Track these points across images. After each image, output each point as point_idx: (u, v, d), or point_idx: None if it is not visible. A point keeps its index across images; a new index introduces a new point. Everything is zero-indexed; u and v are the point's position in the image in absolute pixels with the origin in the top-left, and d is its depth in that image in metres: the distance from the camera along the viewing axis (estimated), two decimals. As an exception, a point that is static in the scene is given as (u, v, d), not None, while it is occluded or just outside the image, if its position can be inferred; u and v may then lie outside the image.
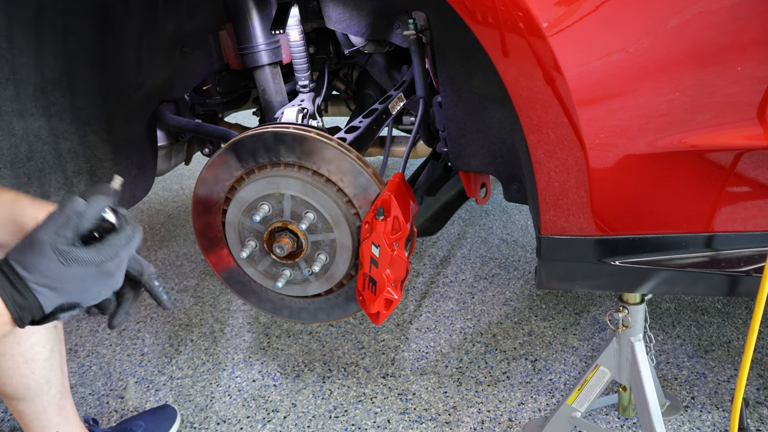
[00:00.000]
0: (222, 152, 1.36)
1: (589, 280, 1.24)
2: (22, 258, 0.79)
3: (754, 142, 0.99)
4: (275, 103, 1.61)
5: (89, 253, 0.80)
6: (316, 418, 1.72)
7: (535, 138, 1.09)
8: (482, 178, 1.54)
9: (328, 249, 1.34)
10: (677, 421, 1.59)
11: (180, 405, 1.80)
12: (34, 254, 0.79)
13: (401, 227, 1.28)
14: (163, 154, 1.98)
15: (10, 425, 1.78)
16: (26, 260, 0.79)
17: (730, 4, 0.92)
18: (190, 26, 1.60)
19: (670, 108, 0.99)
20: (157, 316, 2.29)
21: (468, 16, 1.04)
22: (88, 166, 1.55)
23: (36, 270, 0.78)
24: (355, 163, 1.27)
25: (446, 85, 1.26)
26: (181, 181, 3.77)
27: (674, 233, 1.13)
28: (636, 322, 1.37)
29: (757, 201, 1.08)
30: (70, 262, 0.79)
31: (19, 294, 0.78)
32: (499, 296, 2.22)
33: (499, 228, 2.76)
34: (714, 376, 1.73)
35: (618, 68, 0.98)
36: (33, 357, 1.35)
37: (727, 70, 0.96)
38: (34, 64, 1.36)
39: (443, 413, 1.69)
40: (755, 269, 1.11)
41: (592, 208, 1.11)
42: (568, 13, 0.96)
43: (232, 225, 1.40)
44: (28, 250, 0.80)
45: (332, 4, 1.40)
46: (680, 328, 1.95)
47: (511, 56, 1.03)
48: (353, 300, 1.42)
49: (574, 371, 1.80)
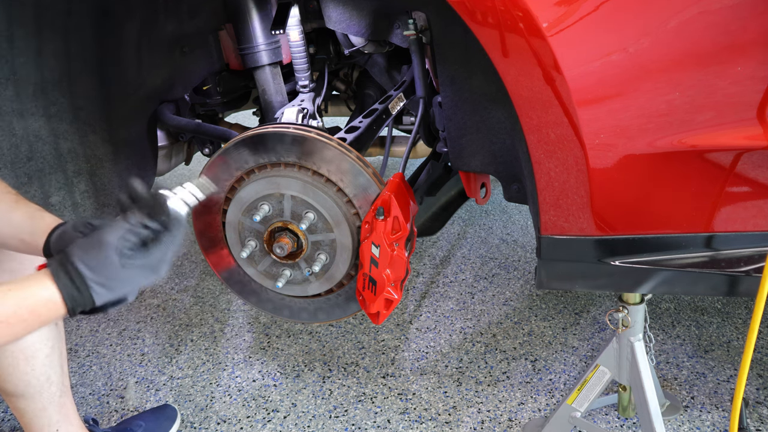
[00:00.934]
0: (222, 152, 1.36)
1: (589, 280, 1.24)
2: (87, 257, 0.87)
3: (754, 142, 0.99)
4: (275, 103, 1.61)
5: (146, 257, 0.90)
6: (316, 418, 1.72)
7: (535, 138, 1.09)
8: (482, 178, 1.54)
9: (328, 249, 1.34)
10: (677, 421, 1.59)
11: (180, 405, 1.80)
12: (99, 256, 0.87)
13: (401, 227, 1.28)
14: (163, 154, 1.98)
15: (10, 425, 1.78)
16: (90, 260, 0.87)
17: (730, 4, 0.92)
18: (190, 26, 1.60)
19: (670, 108, 0.99)
20: (157, 316, 2.29)
21: (468, 16, 1.04)
22: (88, 166, 1.55)
23: (97, 270, 0.87)
24: (355, 163, 1.28)
25: (446, 85, 1.26)
26: (181, 181, 3.75)
27: (674, 233, 1.13)
28: (636, 322, 1.37)
29: (757, 201, 1.08)
30: (129, 265, 0.88)
31: (77, 290, 0.86)
32: (499, 296, 2.23)
33: (499, 228, 2.76)
34: (714, 376, 1.73)
35: (618, 68, 0.98)
36: (33, 354, 1.35)
37: (727, 70, 0.96)
38: (34, 64, 1.36)
39: (443, 413, 1.69)
40: (755, 269, 1.11)
41: (592, 208, 1.11)
42: (568, 13, 0.96)
43: (232, 225, 1.40)
44: (93, 250, 0.88)
45: (332, 5, 1.40)
46: (680, 328, 1.95)
47: (511, 56, 1.03)
48: (353, 300, 1.42)
49: (574, 371, 1.81)
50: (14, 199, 1.09)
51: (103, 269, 0.87)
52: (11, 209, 1.07)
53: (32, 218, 1.05)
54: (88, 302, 0.88)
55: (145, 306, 2.36)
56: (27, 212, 1.06)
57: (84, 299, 0.88)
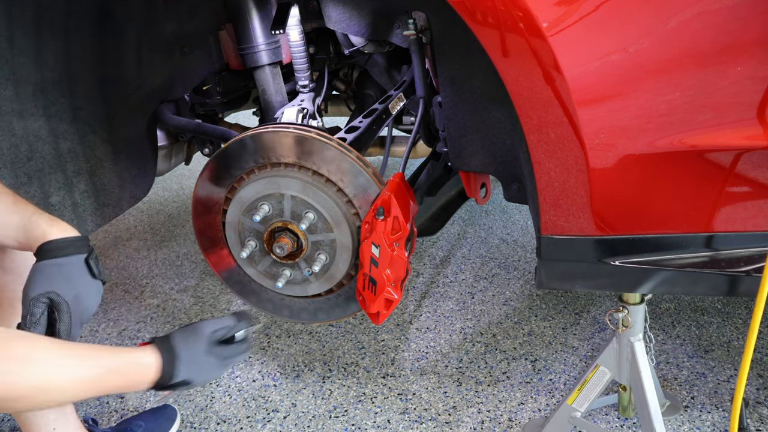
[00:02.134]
0: (222, 152, 1.36)
1: (589, 280, 1.24)
2: (184, 340, 1.07)
3: (754, 142, 0.99)
4: (275, 103, 1.61)
5: (223, 352, 1.11)
6: (316, 418, 1.72)
7: (535, 138, 1.09)
8: (482, 178, 1.54)
9: (328, 249, 1.34)
10: (677, 421, 1.59)
11: (180, 405, 1.80)
12: (194, 340, 1.07)
13: (401, 227, 1.28)
14: (163, 154, 1.98)
15: (10, 425, 1.78)
16: (185, 342, 1.06)
17: (730, 4, 0.92)
18: (190, 26, 1.60)
19: (670, 108, 0.99)
20: (157, 316, 2.29)
21: (468, 16, 1.04)
22: (88, 166, 1.55)
23: (187, 351, 1.06)
24: (355, 163, 1.28)
25: (446, 85, 1.26)
26: (181, 181, 3.77)
27: (674, 233, 1.13)
28: (636, 322, 1.37)
29: (757, 201, 1.08)
30: (211, 353, 1.08)
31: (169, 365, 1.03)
32: (499, 296, 2.23)
33: (499, 228, 2.76)
34: (714, 376, 1.73)
35: (618, 68, 0.98)
36: None
37: (727, 70, 0.96)
38: (34, 64, 1.36)
39: (443, 413, 1.69)
40: (755, 269, 1.11)
41: (592, 208, 1.11)
42: (568, 13, 0.96)
43: (232, 225, 1.40)
44: (191, 334, 1.08)
45: (332, 4, 1.40)
46: (680, 328, 1.95)
47: (511, 56, 1.03)
48: (353, 300, 1.42)
49: (574, 371, 1.81)
50: (12, 200, 1.10)
51: (191, 351, 1.06)
52: (10, 211, 1.09)
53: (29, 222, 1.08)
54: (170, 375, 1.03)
55: (145, 306, 2.36)
56: (24, 215, 1.09)
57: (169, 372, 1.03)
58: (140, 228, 3.13)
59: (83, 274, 1.07)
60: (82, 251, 1.08)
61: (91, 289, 1.08)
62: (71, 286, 1.04)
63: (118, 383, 0.98)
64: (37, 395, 0.89)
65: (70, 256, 1.06)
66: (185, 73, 1.66)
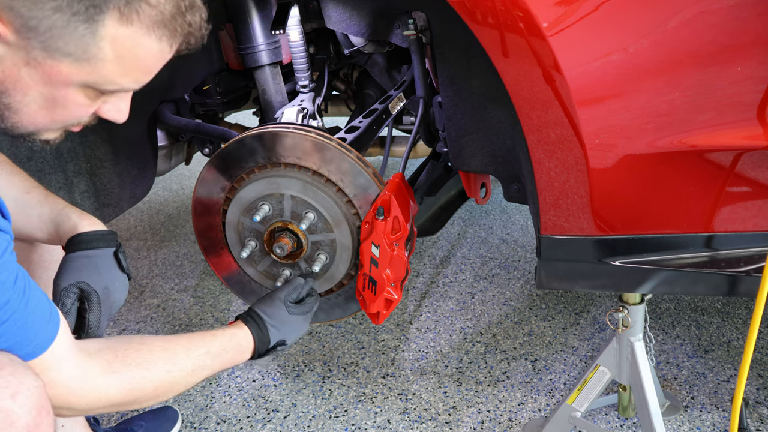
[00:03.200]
0: (222, 152, 1.36)
1: (589, 280, 1.25)
2: (265, 307, 1.22)
3: (754, 142, 0.99)
4: (275, 103, 1.61)
5: (301, 308, 1.26)
6: (316, 418, 1.72)
7: (535, 138, 1.09)
8: (482, 178, 1.54)
9: (328, 249, 1.35)
10: (677, 421, 1.59)
11: (180, 405, 1.80)
12: (274, 306, 1.22)
13: (401, 227, 1.28)
14: (163, 154, 1.98)
15: (10, 425, 1.77)
16: (267, 309, 1.21)
17: (730, 4, 0.92)
18: (190, 26, 1.60)
19: (670, 108, 0.99)
20: (157, 316, 2.29)
21: (468, 16, 1.04)
22: (88, 166, 1.55)
23: (272, 315, 1.20)
24: (355, 163, 1.28)
25: (446, 85, 1.26)
26: (181, 181, 3.77)
27: (674, 233, 1.13)
28: (636, 322, 1.37)
29: (757, 201, 1.08)
30: (292, 312, 1.23)
31: (261, 331, 1.18)
32: (499, 296, 2.23)
33: (499, 228, 2.77)
34: (714, 376, 1.73)
35: (618, 68, 0.98)
36: None
37: (727, 70, 0.96)
38: None
39: (443, 413, 1.69)
40: (755, 269, 1.11)
41: (592, 208, 1.11)
42: (568, 13, 0.96)
43: (232, 225, 1.40)
44: (269, 302, 1.23)
45: (332, 4, 1.40)
46: (680, 328, 1.95)
47: (511, 56, 1.03)
48: (353, 300, 1.42)
49: (574, 371, 1.81)
50: (44, 194, 1.14)
51: (275, 314, 1.21)
52: (42, 204, 1.13)
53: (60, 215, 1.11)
54: (266, 340, 1.18)
55: (144, 306, 2.36)
56: (55, 208, 1.12)
57: (265, 338, 1.17)
58: (140, 228, 3.13)
59: (112, 267, 1.08)
60: (112, 245, 1.10)
61: (119, 281, 1.09)
62: (101, 277, 1.05)
63: (224, 361, 1.10)
64: (162, 393, 0.98)
65: (100, 249, 1.08)
66: (185, 73, 1.65)
